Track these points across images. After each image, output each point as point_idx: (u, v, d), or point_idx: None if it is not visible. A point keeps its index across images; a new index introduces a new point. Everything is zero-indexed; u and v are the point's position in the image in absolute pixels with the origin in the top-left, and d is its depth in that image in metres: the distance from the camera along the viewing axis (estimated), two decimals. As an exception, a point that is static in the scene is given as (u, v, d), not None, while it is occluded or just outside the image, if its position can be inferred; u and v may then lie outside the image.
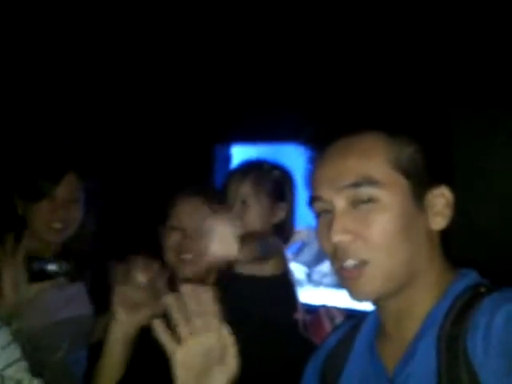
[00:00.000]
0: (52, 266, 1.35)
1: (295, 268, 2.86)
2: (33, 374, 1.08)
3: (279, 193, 1.51)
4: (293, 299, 1.47)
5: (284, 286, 1.45)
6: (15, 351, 1.08)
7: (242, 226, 1.46)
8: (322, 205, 0.83)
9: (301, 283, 2.92)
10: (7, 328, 1.11)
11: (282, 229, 1.53)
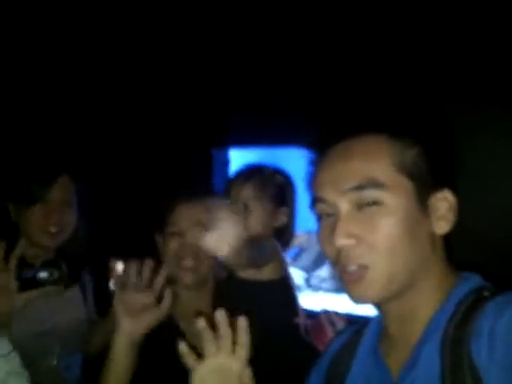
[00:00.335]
0: (43, 274, 1.33)
1: (294, 273, 2.85)
2: None
3: (281, 197, 1.52)
4: (293, 303, 1.46)
5: (283, 290, 1.45)
6: (15, 360, 1.07)
7: (244, 230, 1.46)
8: (325, 207, 0.82)
9: (299, 288, 2.91)
10: (5, 337, 1.10)
11: (283, 233, 1.53)
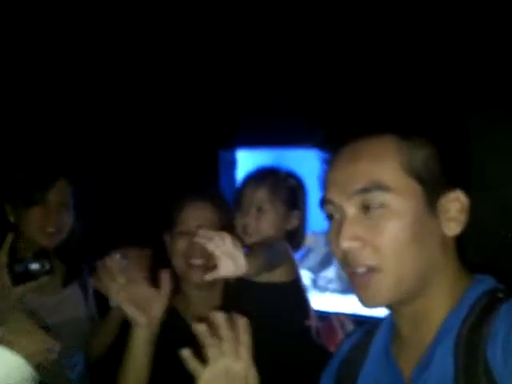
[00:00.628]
0: (35, 266, 1.36)
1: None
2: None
3: (293, 200, 1.53)
4: (304, 306, 1.46)
5: (294, 293, 1.45)
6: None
7: (256, 233, 1.47)
8: (333, 209, 0.81)
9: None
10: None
11: (294, 236, 1.54)
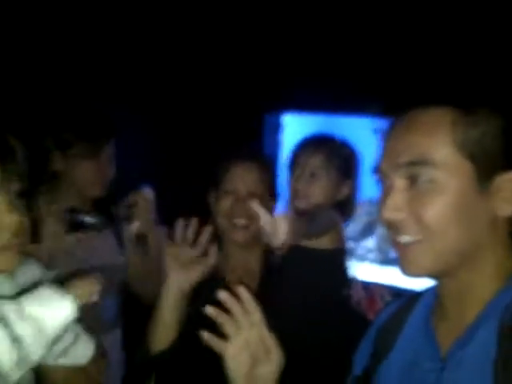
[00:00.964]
0: (91, 219, 1.46)
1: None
2: None
3: (346, 170, 1.53)
4: (344, 274, 1.47)
5: (336, 261, 1.45)
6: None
7: (307, 198, 1.48)
8: (383, 177, 0.81)
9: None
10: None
11: (345, 205, 1.53)
